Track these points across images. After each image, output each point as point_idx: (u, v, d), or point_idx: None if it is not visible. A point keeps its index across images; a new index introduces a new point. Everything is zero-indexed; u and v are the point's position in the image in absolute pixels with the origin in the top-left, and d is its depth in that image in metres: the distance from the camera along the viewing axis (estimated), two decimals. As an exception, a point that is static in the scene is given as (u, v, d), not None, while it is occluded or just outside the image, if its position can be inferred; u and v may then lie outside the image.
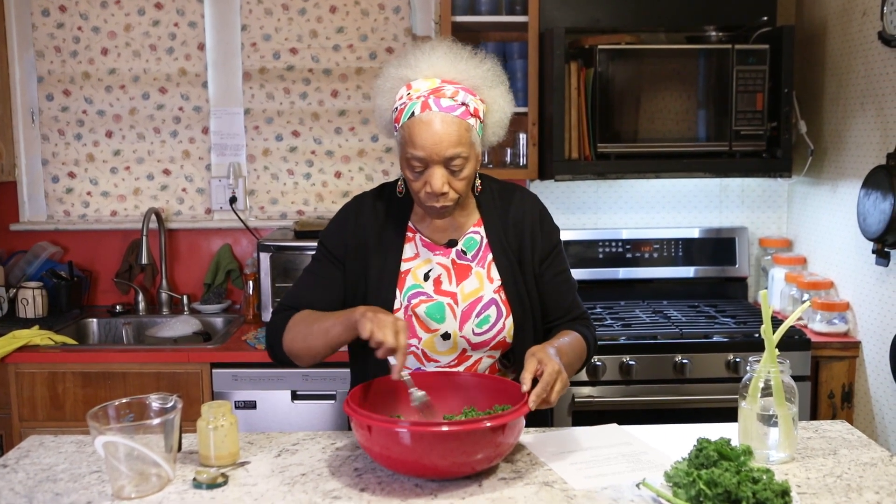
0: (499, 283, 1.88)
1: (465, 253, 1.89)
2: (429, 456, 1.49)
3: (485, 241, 1.90)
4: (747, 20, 3.21)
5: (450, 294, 1.86)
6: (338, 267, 1.91)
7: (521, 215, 1.92)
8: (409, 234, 1.91)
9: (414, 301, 1.85)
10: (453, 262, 1.89)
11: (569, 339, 1.86)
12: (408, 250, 1.89)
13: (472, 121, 1.74)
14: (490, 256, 1.89)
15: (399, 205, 1.92)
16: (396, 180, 1.95)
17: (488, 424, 1.48)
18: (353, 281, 1.90)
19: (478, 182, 1.89)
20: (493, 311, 1.86)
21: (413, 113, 1.73)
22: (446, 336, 1.85)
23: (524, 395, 1.59)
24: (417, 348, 1.86)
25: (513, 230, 1.91)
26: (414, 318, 1.84)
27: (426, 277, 1.87)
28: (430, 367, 1.88)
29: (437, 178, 1.72)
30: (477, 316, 1.85)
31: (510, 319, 1.86)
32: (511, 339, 1.87)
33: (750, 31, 3.18)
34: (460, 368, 1.87)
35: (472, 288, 1.87)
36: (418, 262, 1.89)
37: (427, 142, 1.70)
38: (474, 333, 1.85)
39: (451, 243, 1.89)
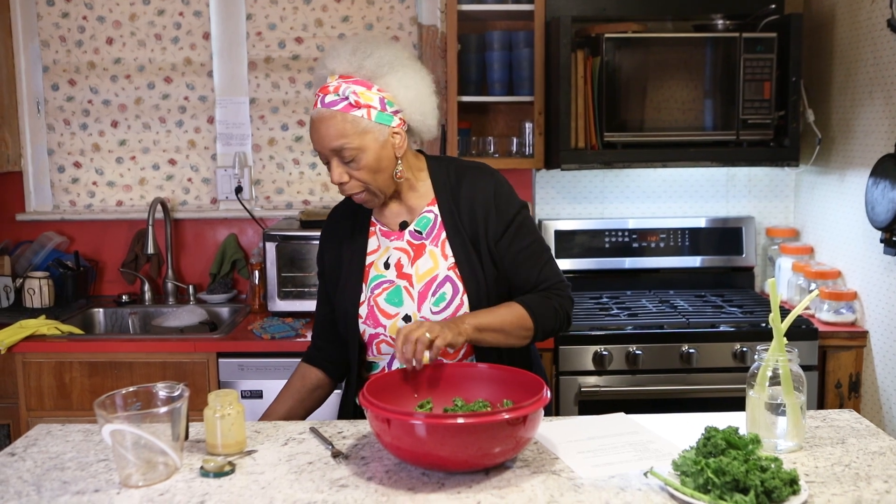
0: (452, 260, 1.89)
1: (420, 233, 1.93)
2: (444, 449, 1.47)
3: (439, 219, 1.93)
4: (755, 8, 3.19)
5: (407, 276, 1.90)
6: (323, 283, 2.06)
7: (473, 193, 1.93)
8: (372, 228, 1.99)
9: (377, 291, 1.91)
10: (409, 243, 1.93)
11: (494, 309, 1.85)
12: (371, 243, 1.98)
13: (358, 112, 1.80)
14: (444, 235, 1.92)
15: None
16: None
17: (506, 417, 1.46)
18: (332, 285, 2.01)
19: (399, 168, 1.88)
20: (448, 288, 1.88)
21: (311, 115, 1.86)
22: (407, 318, 1.88)
23: (541, 388, 1.57)
24: (386, 335, 1.90)
25: (465, 208, 1.92)
26: (375, 308, 1.90)
27: (386, 265, 1.93)
28: None
29: (333, 169, 1.84)
30: (433, 295, 1.88)
31: (466, 296, 1.87)
32: None
33: (757, 19, 3.16)
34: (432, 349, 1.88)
35: (427, 267, 1.90)
36: (380, 253, 1.96)
37: (314, 137, 1.84)
38: (432, 312, 1.87)
39: (403, 225, 1.94)
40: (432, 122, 1.93)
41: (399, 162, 1.88)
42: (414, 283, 1.89)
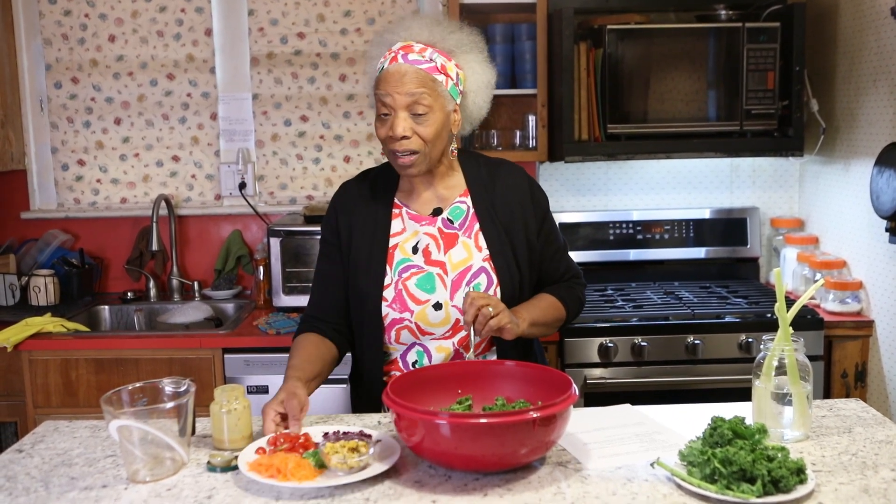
0: (486, 252, 1.90)
1: (451, 222, 1.93)
2: (472, 449, 1.44)
3: (471, 211, 1.93)
4: (758, -2, 3.18)
5: (439, 263, 1.89)
6: (336, 255, 1.96)
7: (509, 188, 1.96)
8: (396, 210, 1.95)
9: (405, 275, 1.89)
10: (440, 231, 1.92)
11: (537, 301, 1.94)
12: (395, 225, 1.94)
13: (439, 76, 1.82)
14: (477, 226, 1.92)
15: (384, 183, 1.97)
16: (383, 164, 2.00)
17: (535, 415, 1.42)
18: (347, 263, 1.94)
19: (453, 146, 1.91)
20: (483, 278, 1.88)
21: (383, 68, 1.84)
22: (438, 306, 1.87)
23: (567, 385, 1.55)
24: (411, 322, 1.88)
25: (501, 202, 1.94)
26: (404, 292, 1.87)
27: (415, 250, 1.91)
28: (426, 341, 1.89)
29: (399, 122, 1.79)
30: (467, 284, 1.87)
31: (500, 288, 1.88)
32: None
33: (760, 8, 3.15)
34: (454, 340, 1.88)
35: (461, 257, 1.90)
36: (406, 236, 1.92)
37: (390, 85, 1.80)
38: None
39: (437, 212, 1.93)
40: (479, 116, 1.96)
41: (454, 140, 1.90)
42: (448, 272, 1.88)
